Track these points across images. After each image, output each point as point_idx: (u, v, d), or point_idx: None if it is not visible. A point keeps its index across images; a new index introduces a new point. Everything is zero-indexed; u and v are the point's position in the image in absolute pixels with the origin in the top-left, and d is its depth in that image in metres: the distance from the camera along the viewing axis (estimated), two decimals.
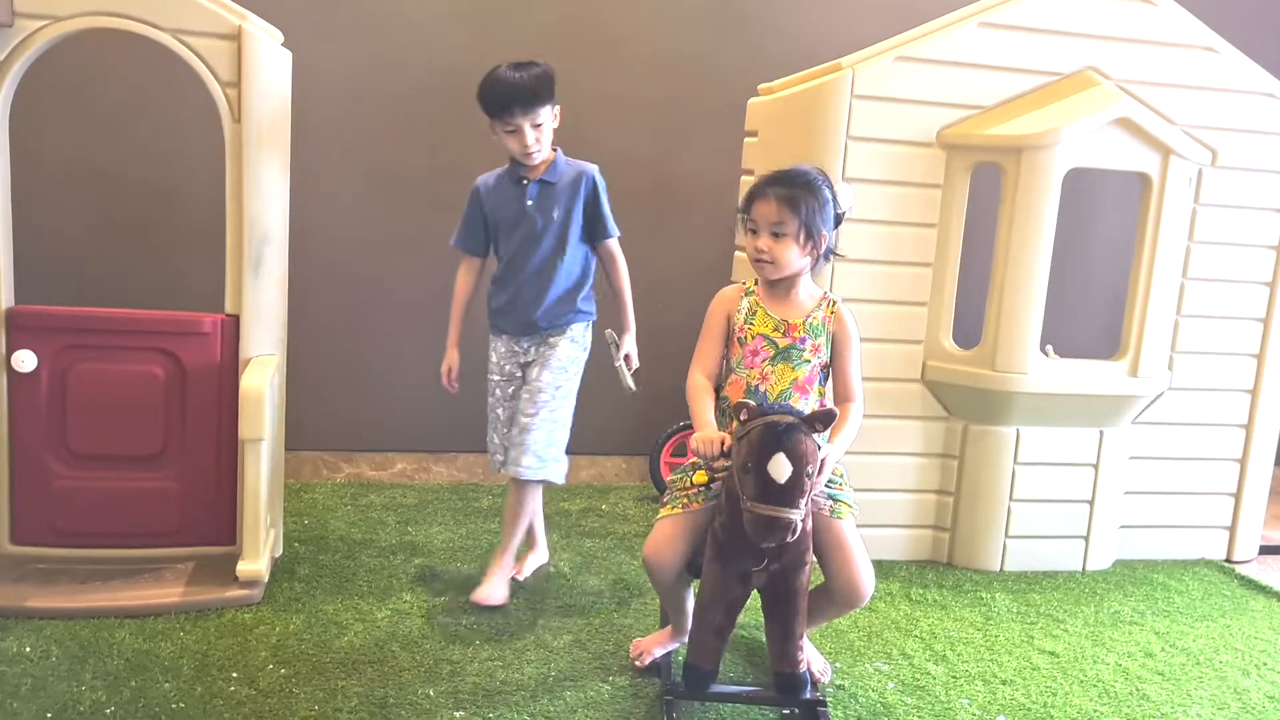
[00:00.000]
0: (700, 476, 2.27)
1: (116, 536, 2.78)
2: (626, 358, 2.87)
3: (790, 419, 2.03)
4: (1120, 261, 3.83)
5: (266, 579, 2.73)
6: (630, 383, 2.87)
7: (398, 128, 3.64)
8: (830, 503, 2.27)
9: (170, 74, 2.97)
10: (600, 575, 3.03)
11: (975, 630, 2.81)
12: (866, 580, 2.24)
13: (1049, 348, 3.24)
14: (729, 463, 2.16)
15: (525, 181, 2.71)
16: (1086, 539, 3.32)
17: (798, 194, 2.24)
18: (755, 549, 2.09)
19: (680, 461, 3.76)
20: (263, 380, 2.62)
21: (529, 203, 2.71)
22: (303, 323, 3.33)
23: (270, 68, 2.69)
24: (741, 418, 2.07)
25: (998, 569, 3.26)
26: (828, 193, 2.29)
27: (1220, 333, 3.37)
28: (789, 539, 2.01)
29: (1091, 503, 3.30)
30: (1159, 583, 3.26)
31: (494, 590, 2.76)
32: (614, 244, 2.83)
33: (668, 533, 2.25)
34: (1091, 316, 4.03)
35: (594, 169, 2.78)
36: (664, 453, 3.75)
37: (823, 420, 2.05)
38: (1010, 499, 3.24)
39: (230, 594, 2.65)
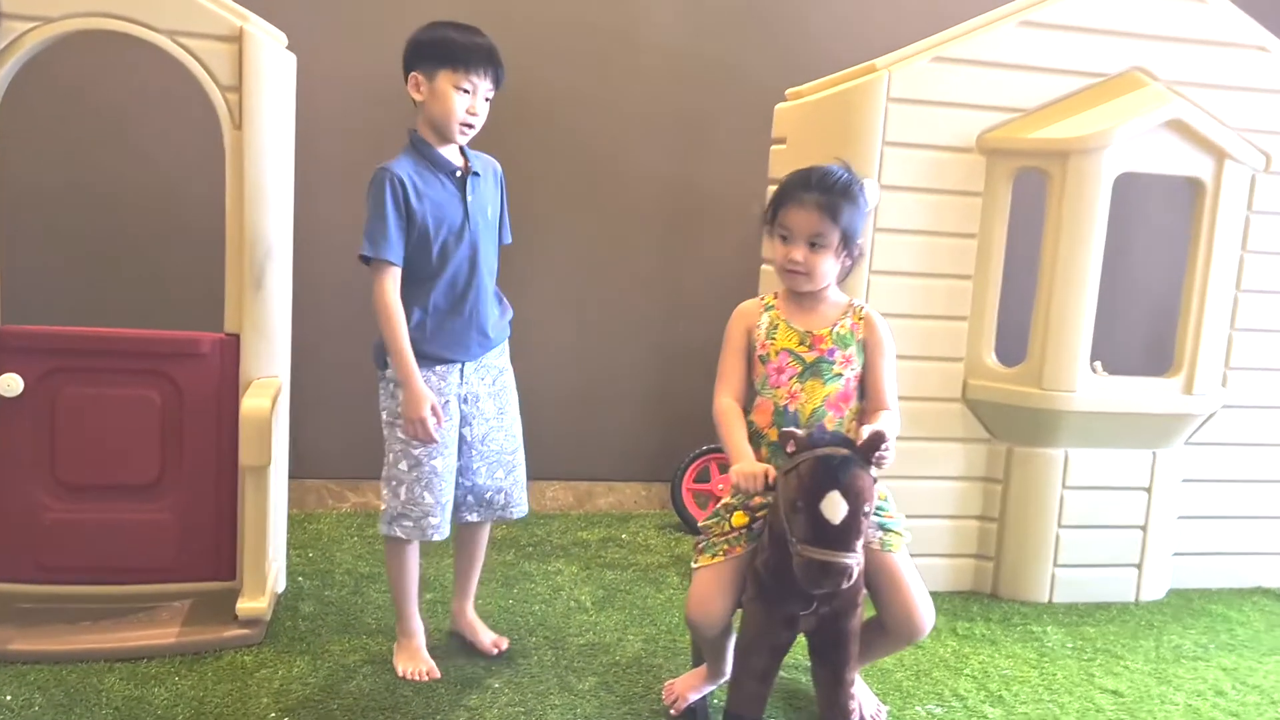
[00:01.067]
0: (739, 518, 2.07)
1: (108, 572, 2.59)
2: None
3: (844, 451, 1.84)
4: (1162, 271, 3.67)
5: (268, 618, 2.55)
6: None
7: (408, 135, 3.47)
8: (880, 534, 2.09)
9: (167, 78, 2.82)
10: (624, 610, 2.84)
11: (1030, 668, 2.62)
12: (925, 613, 2.06)
13: (1097, 364, 3.06)
14: (771, 497, 1.98)
15: (458, 174, 2.32)
16: (1139, 568, 3.13)
17: (838, 201, 2.07)
18: (803, 592, 1.91)
19: (703, 488, 3.59)
20: (265, 403, 2.44)
21: (469, 199, 2.32)
22: (307, 342, 3.15)
23: (273, 72, 2.54)
24: (788, 449, 1.88)
25: (1046, 600, 3.07)
26: (863, 196, 2.13)
27: (1276, 347, 3.19)
28: (844, 585, 1.83)
29: (1144, 529, 3.11)
30: (1218, 614, 3.06)
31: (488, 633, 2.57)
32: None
33: (710, 586, 2.05)
34: (1132, 330, 3.86)
35: (498, 164, 2.45)
36: (686, 479, 3.56)
37: (875, 446, 1.86)
38: (1058, 525, 3.04)
39: (229, 634, 2.46)
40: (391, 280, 2.27)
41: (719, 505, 2.14)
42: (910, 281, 2.95)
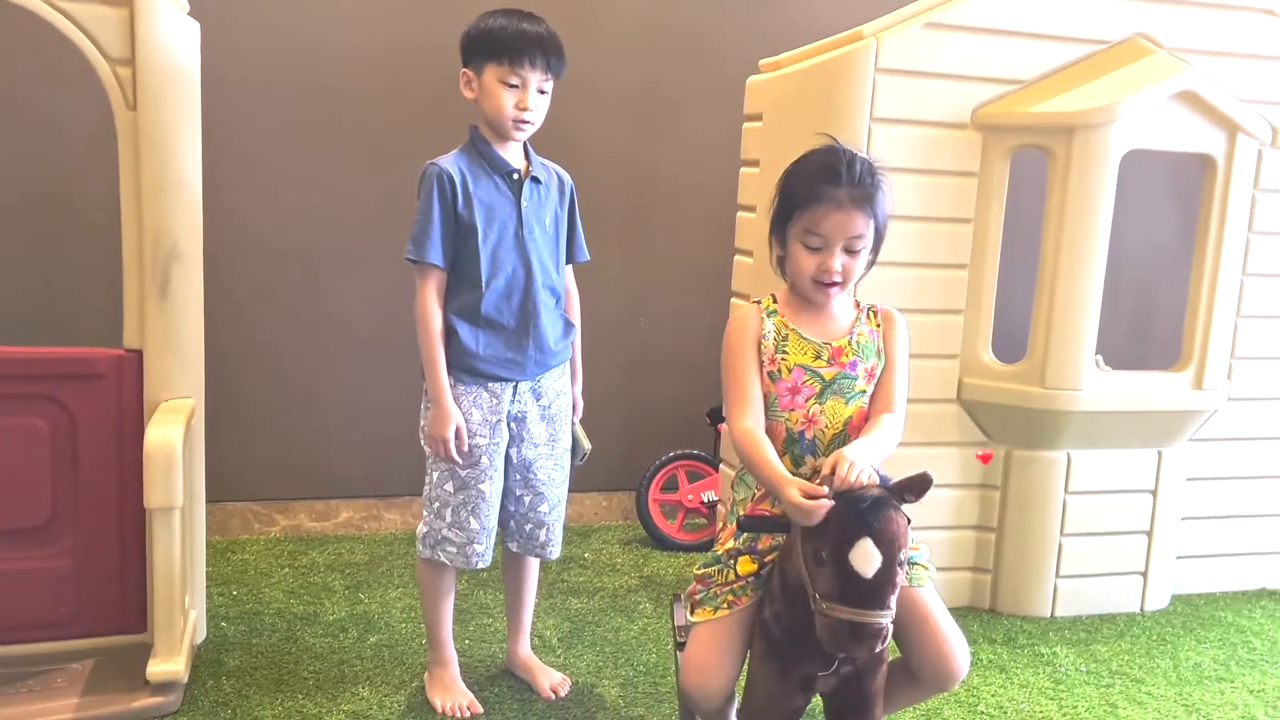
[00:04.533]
0: (746, 565, 1.76)
1: None
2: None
3: (875, 490, 1.55)
4: (1147, 254, 3.44)
5: (186, 678, 2.19)
6: (587, 443, 2.35)
7: (335, 114, 3.10)
8: (905, 568, 1.80)
9: (47, 51, 2.42)
10: (595, 647, 2.53)
11: (1047, 699, 2.37)
12: (960, 657, 1.78)
13: (1098, 358, 2.82)
14: (783, 538, 1.68)
15: (516, 177, 2.13)
16: (1145, 575, 2.91)
17: (875, 195, 1.76)
18: (823, 652, 1.62)
19: (671, 498, 3.30)
20: (173, 433, 2.08)
21: (525, 204, 2.13)
22: (224, 352, 2.79)
23: (172, 41, 2.17)
24: None
25: (1049, 614, 2.83)
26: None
27: None
28: (878, 648, 1.54)
29: (1150, 533, 2.89)
30: (1229, 623, 2.85)
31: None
32: (571, 270, 2.30)
33: (711, 647, 1.74)
34: (1114, 317, 3.63)
35: (567, 174, 2.27)
36: (652, 488, 3.27)
37: (915, 489, 1.58)
38: (1061, 534, 2.81)
39: (139, 704, 2.11)
40: (433, 286, 2.09)
41: (721, 550, 1.83)
42: (899, 272, 2.67)
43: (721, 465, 3.10)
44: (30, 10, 2.07)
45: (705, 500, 3.25)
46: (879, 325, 1.87)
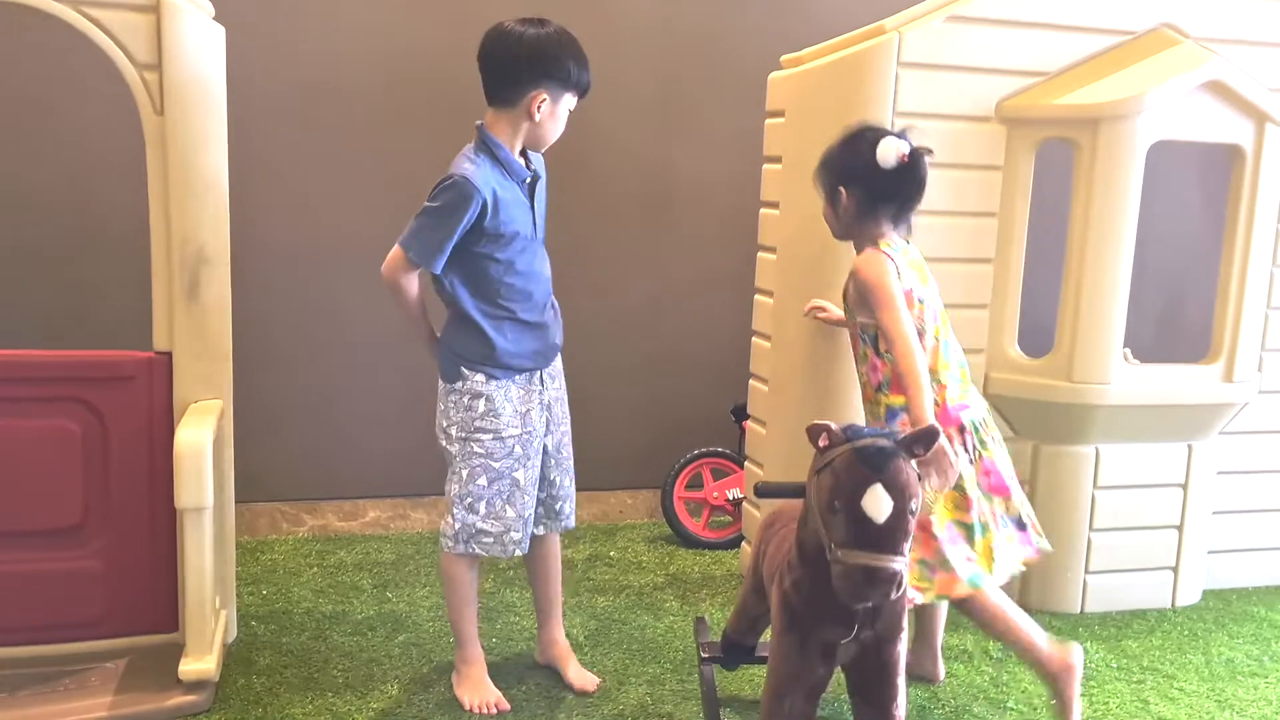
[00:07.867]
0: None
1: (27, 631, 2.26)
2: None
3: (883, 441, 1.62)
4: (1175, 246, 3.41)
5: (217, 678, 2.21)
6: None
7: (359, 117, 3.12)
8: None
9: (76, 57, 2.44)
10: (623, 646, 2.54)
11: None
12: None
13: (1126, 350, 2.80)
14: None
15: (528, 180, 2.17)
16: (1175, 570, 2.88)
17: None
18: (843, 615, 1.68)
19: (696, 496, 3.30)
20: (203, 434, 2.10)
21: (536, 206, 2.21)
22: (252, 355, 2.81)
23: (198, 47, 2.19)
24: (820, 443, 1.64)
25: (1079, 610, 2.81)
26: (853, 147, 2.13)
27: None
28: (893, 595, 1.57)
29: (1180, 528, 2.86)
30: (1262, 618, 2.83)
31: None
32: None
33: None
34: (1144, 311, 3.59)
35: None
36: (678, 485, 3.27)
37: (923, 442, 1.63)
38: (1090, 529, 2.79)
39: (172, 702, 2.13)
40: (417, 280, 2.17)
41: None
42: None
43: (746, 463, 3.10)
44: (58, 17, 2.10)
45: (730, 498, 3.25)
46: None
